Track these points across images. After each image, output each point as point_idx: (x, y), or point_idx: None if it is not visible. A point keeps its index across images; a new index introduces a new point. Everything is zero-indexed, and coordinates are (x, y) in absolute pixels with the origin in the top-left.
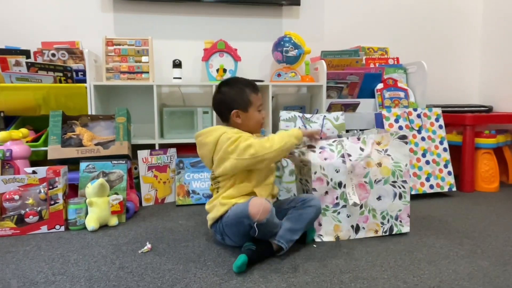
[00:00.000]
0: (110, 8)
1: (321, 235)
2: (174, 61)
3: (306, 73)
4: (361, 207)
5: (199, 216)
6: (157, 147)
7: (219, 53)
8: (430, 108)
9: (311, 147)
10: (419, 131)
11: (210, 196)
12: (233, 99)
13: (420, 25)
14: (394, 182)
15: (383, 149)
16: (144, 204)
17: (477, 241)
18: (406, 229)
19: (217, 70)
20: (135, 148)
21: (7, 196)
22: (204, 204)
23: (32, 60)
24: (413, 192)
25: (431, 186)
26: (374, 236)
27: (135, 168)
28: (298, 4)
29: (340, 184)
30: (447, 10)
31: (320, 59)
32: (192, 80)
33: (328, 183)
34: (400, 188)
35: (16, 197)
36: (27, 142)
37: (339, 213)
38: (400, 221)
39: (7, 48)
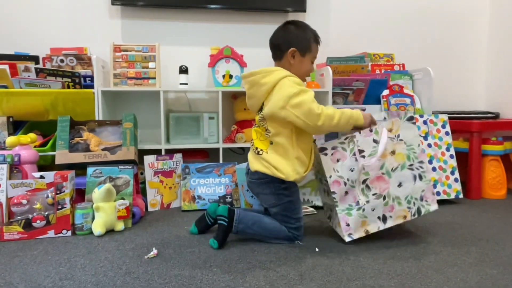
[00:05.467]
0: (118, 14)
1: (351, 234)
2: (180, 67)
3: (312, 79)
4: (384, 198)
5: None
6: (163, 153)
7: (225, 59)
8: (436, 114)
9: (322, 149)
10: (425, 138)
11: (215, 202)
12: (296, 38)
13: (426, 32)
14: (411, 165)
15: (395, 136)
16: (150, 209)
17: (484, 249)
18: (434, 207)
19: (223, 76)
20: (142, 153)
21: (15, 201)
22: None
23: (41, 66)
24: None
25: (438, 193)
26: (403, 221)
27: (141, 173)
28: (304, 11)
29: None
30: (453, 17)
31: (326, 65)
32: (198, 86)
33: (345, 183)
34: (418, 169)
35: (24, 201)
36: (35, 147)
37: (363, 209)
38: (426, 201)
39: (16, 54)
